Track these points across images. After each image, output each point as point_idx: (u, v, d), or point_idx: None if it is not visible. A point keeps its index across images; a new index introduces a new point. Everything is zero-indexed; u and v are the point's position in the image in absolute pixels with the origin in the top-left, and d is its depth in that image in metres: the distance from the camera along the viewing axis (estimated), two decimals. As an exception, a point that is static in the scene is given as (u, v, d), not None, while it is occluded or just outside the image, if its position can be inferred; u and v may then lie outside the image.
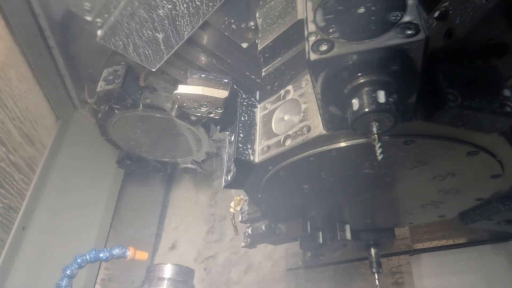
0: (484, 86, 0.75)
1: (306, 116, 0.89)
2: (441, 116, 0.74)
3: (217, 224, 2.43)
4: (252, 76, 1.55)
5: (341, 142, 0.85)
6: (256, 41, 1.31)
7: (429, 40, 0.61)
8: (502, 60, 0.76)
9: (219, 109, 1.01)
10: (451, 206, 1.16)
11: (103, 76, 1.66)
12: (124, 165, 2.14)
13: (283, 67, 1.09)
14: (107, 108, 1.74)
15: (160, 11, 1.31)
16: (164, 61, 1.45)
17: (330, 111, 0.76)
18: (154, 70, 1.47)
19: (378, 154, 0.67)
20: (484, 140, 0.84)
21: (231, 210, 1.28)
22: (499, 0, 0.68)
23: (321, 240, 1.25)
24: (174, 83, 1.74)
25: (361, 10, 0.68)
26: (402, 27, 0.62)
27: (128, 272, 2.21)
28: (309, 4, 0.74)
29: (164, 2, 1.30)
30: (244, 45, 1.55)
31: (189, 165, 2.13)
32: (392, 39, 0.62)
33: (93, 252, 1.82)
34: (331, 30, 0.68)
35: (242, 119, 1.01)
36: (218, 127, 1.08)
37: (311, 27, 0.70)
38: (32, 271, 1.83)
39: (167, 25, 1.34)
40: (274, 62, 1.10)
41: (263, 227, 1.25)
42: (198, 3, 1.32)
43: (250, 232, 1.29)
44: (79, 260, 1.79)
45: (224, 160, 1.03)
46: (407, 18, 0.63)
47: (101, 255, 1.82)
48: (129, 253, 1.85)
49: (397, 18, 0.64)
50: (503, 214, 1.11)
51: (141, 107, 1.73)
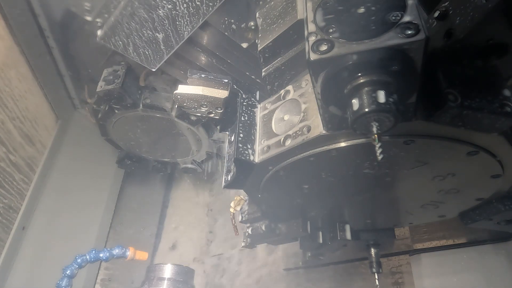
0: (484, 86, 0.75)
1: (306, 116, 0.89)
2: (441, 116, 0.74)
3: (217, 224, 2.43)
4: (252, 76, 1.55)
5: (341, 142, 0.85)
6: (256, 41, 1.31)
7: (429, 40, 0.61)
8: (502, 60, 0.76)
9: (219, 109, 1.01)
10: (451, 206, 1.16)
11: (103, 76, 1.66)
12: (124, 165, 2.14)
13: (283, 67, 1.09)
14: (107, 108, 1.74)
15: (160, 11, 1.31)
16: (164, 61, 1.45)
17: (330, 111, 0.76)
18: (154, 70, 1.48)
19: (378, 154, 0.67)
20: (484, 140, 0.84)
21: (231, 210, 1.28)
22: (499, 0, 0.68)
23: (321, 240, 1.25)
24: (174, 83, 1.74)
25: (361, 10, 0.68)
26: (402, 27, 0.62)
27: (128, 272, 2.21)
28: (309, 4, 0.74)
29: (164, 2, 1.30)
30: (244, 45, 1.55)
31: (189, 165, 2.12)
32: (392, 39, 0.62)
33: (93, 252, 1.82)
34: (331, 30, 0.68)
35: (242, 119, 1.01)
36: (218, 127, 1.08)
37: (311, 27, 0.70)
38: (32, 271, 1.83)
39: (167, 25, 1.34)
40: (274, 62, 1.10)
41: (263, 227, 1.25)
42: (198, 3, 1.32)
43: (250, 232, 1.29)
44: (79, 260, 1.79)
45: (224, 160, 1.03)
46: (407, 18, 0.63)
47: (101, 255, 1.82)
48: (129, 253, 1.86)
49: (397, 18, 0.64)
50: (503, 214, 1.11)
51: (141, 107, 1.73)
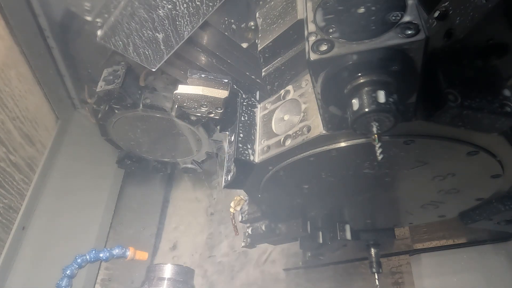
0: (484, 86, 0.75)
1: (306, 116, 0.89)
2: (441, 116, 0.74)
3: (217, 224, 2.43)
4: (252, 76, 1.55)
5: (341, 142, 0.85)
6: (256, 41, 1.31)
7: (429, 40, 0.61)
8: (502, 60, 0.75)
9: (219, 109, 1.01)
10: (451, 206, 1.16)
11: (103, 76, 1.66)
12: (124, 165, 2.14)
13: (283, 67, 1.09)
14: (107, 108, 1.74)
15: (160, 11, 1.31)
16: (164, 61, 1.44)
17: (330, 111, 0.76)
18: (154, 70, 1.47)
19: (378, 154, 0.67)
20: (484, 140, 0.84)
21: (231, 210, 1.28)
22: (499, 0, 0.68)
23: (321, 240, 1.25)
24: (174, 83, 1.74)
25: (361, 10, 0.68)
26: (402, 27, 0.62)
27: (128, 272, 2.21)
28: (309, 4, 0.74)
29: (164, 2, 1.29)
30: (244, 45, 1.55)
31: (189, 165, 2.13)
32: (392, 39, 0.62)
33: (93, 252, 1.82)
34: (331, 30, 0.68)
35: (242, 119, 1.01)
36: (218, 127, 1.08)
37: (311, 27, 0.70)
38: (32, 271, 1.83)
39: (167, 25, 1.34)
40: (274, 62, 1.10)
41: (263, 227, 1.25)
42: (198, 3, 1.32)
43: (250, 232, 1.29)
44: (79, 260, 1.79)
45: (224, 160, 1.03)
46: (407, 18, 0.63)
47: (101, 255, 1.82)
48: (129, 253, 1.85)
49: (397, 18, 0.64)
50: (503, 214, 1.11)
51: (141, 107, 1.73)
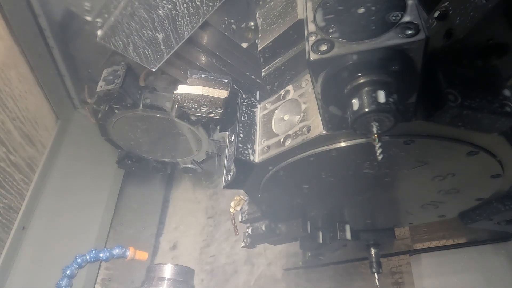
0: (484, 86, 0.75)
1: (306, 116, 0.89)
2: (441, 116, 0.74)
3: (217, 224, 2.43)
4: (252, 76, 1.55)
5: (341, 142, 0.85)
6: (256, 41, 1.31)
7: (429, 40, 0.61)
8: (502, 60, 0.76)
9: (219, 109, 1.01)
10: (451, 206, 1.16)
11: (103, 76, 1.66)
12: (124, 165, 2.14)
13: (283, 67, 1.09)
14: (107, 108, 1.74)
15: (160, 11, 1.31)
16: (164, 61, 1.45)
17: (330, 111, 0.76)
18: (154, 70, 1.48)
19: (378, 154, 0.67)
20: (484, 140, 0.84)
21: (231, 210, 1.28)
22: (499, 0, 0.68)
23: (321, 240, 1.25)
24: (174, 83, 1.74)
25: (361, 10, 0.68)
26: (402, 27, 0.62)
27: (128, 272, 2.21)
28: (309, 4, 0.74)
29: (164, 2, 1.29)
30: (244, 45, 1.55)
31: (189, 165, 2.12)
32: (392, 39, 0.62)
33: (93, 252, 1.82)
34: (331, 30, 0.68)
35: (242, 119, 1.01)
36: (218, 127, 1.08)
37: (311, 27, 0.70)
38: (32, 271, 1.83)
39: (167, 25, 1.34)
40: (274, 62, 1.10)
41: (263, 227, 1.25)
42: (198, 3, 1.32)
43: (250, 232, 1.29)
44: (79, 260, 1.80)
45: (224, 160, 1.03)
46: (407, 18, 0.63)
47: (101, 255, 1.82)
48: (129, 253, 1.86)
49: (397, 18, 0.64)
50: (503, 214, 1.11)
51: (141, 107, 1.73)
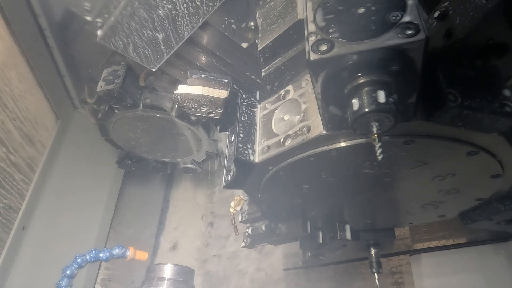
0: (484, 86, 0.75)
1: (306, 116, 0.89)
2: (441, 116, 0.74)
3: (217, 224, 2.43)
4: (252, 76, 1.55)
5: (341, 142, 0.85)
6: (256, 41, 1.31)
7: (429, 40, 0.61)
8: (502, 60, 0.76)
9: (219, 109, 1.01)
10: (451, 206, 1.16)
11: (103, 76, 1.65)
12: (124, 165, 2.14)
13: (283, 67, 1.09)
14: (107, 108, 1.74)
15: (160, 11, 1.31)
16: (164, 61, 1.45)
17: (330, 111, 0.76)
18: (154, 70, 1.48)
19: (378, 154, 0.67)
20: (484, 140, 0.84)
21: (231, 210, 1.28)
22: (499, 0, 0.68)
23: (321, 240, 1.25)
24: (174, 83, 1.74)
25: (361, 10, 0.68)
26: (402, 27, 0.62)
27: (128, 272, 2.21)
28: (309, 4, 0.74)
29: (164, 2, 1.29)
30: (244, 45, 1.55)
31: (189, 165, 2.12)
32: (392, 39, 0.62)
33: (93, 252, 1.82)
34: (331, 30, 0.68)
35: (242, 119, 1.01)
36: (218, 127, 1.08)
37: (311, 27, 0.70)
38: (32, 271, 1.83)
39: (167, 25, 1.34)
40: (274, 62, 1.10)
41: (263, 227, 1.25)
42: (198, 3, 1.32)
43: (250, 232, 1.29)
44: (79, 260, 1.80)
45: (224, 160, 1.03)
46: (407, 18, 0.63)
47: (101, 255, 1.82)
48: (129, 253, 1.86)
49: (397, 18, 0.64)
50: (503, 214, 1.11)
51: (141, 107, 1.73)
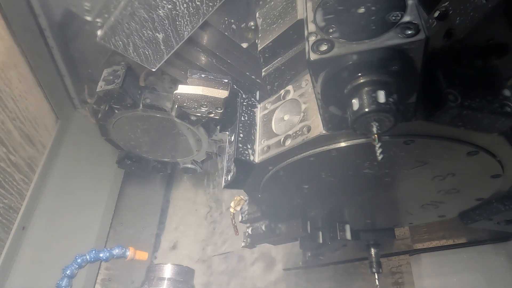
0: (484, 86, 0.75)
1: (306, 116, 0.89)
2: (441, 116, 0.74)
3: (217, 224, 2.43)
4: (252, 76, 1.55)
5: (341, 142, 0.85)
6: (256, 41, 1.31)
7: (429, 40, 0.61)
8: (502, 60, 0.76)
9: (219, 109, 1.01)
10: (451, 206, 1.16)
11: (103, 76, 1.65)
12: (124, 165, 2.14)
13: (283, 67, 1.09)
14: (107, 108, 1.74)
15: (160, 11, 1.31)
16: (164, 61, 1.45)
17: (330, 111, 0.76)
18: (154, 70, 1.48)
19: (378, 154, 0.67)
20: (484, 140, 0.84)
21: (231, 210, 1.28)
22: (499, 0, 0.68)
23: (321, 240, 1.25)
24: (174, 83, 1.74)
25: (361, 10, 0.68)
26: (402, 27, 0.62)
27: (128, 272, 2.21)
28: (309, 4, 0.74)
29: (164, 2, 1.30)
30: (244, 45, 1.55)
31: (189, 165, 2.12)
32: (392, 39, 0.62)
33: (93, 252, 1.82)
34: (331, 30, 0.68)
35: (242, 119, 1.01)
36: (218, 127, 1.08)
37: (311, 27, 0.70)
38: (32, 271, 1.83)
39: (167, 25, 1.35)
40: (274, 62, 1.10)
41: (263, 227, 1.25)
42: (198, 3, 1.32)
43: (250, 232, 1.29)
44: (79, 260, 1.80)
45: (224, 160, 1.03)
46: (407, 18, 0.63)
47: (101, 255, 1.82)
48: (129, 253, 1.86)
49: (397, 18, 0.64)
50: (503, 214, 1.11)
51: (141, 107, 1.73)
